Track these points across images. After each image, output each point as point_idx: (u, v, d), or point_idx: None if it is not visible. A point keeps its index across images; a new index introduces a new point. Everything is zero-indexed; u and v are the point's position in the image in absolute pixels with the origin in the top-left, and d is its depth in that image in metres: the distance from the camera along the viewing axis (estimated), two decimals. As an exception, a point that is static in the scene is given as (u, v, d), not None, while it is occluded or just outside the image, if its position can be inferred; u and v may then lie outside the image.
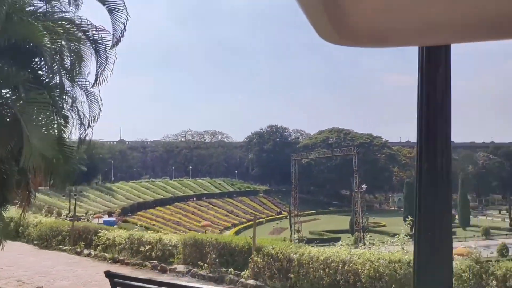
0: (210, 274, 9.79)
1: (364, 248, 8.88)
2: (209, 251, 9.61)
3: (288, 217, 69.96)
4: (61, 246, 14.74)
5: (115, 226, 50.44)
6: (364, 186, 51.78)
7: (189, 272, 10.23)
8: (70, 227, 14.78)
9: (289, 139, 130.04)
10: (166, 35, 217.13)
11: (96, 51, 9.01)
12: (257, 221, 79.32)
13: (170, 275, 10.51)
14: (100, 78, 9.10)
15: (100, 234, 12.80)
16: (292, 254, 8.11)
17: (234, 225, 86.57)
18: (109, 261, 12.48)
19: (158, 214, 77.19)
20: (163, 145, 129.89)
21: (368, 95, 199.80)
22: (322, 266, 7.70)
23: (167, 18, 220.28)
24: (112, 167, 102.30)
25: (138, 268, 11.58)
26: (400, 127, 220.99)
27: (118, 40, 8.91)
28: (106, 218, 56.63)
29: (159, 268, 11.12)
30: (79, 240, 14.25)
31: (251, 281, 8.98)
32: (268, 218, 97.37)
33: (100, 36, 9.03)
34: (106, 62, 9.08)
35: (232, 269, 9.54)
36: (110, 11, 8.85)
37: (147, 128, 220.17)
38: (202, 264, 9.90)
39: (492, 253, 53.01)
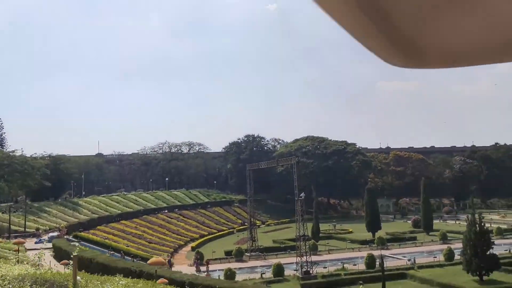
0: None
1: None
2: None
3: (251, 227, 70.16)
4: None
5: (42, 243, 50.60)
6: (302, 195, 51.95)
7: None
8: None
9: (266, 148, 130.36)
10: (147, 48, 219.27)
11: None
12: (228, 231, 79.68)
13: None
14: None
15: None
16: None
17: (202, 236, 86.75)
18: None
19: (120, 228, 77.12)
20: (141, 157, 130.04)
21: (357, 102, 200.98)
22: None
23: (150, 32, 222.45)
24: (83, 182, 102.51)
25: None
26: (383, 133, 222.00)
27: None
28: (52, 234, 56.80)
29: None
30: None
31: None
32: (239, 228, 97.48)
33: None
34: None
35: None
36: None
37: (125, 141, 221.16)
38: None
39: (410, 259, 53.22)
